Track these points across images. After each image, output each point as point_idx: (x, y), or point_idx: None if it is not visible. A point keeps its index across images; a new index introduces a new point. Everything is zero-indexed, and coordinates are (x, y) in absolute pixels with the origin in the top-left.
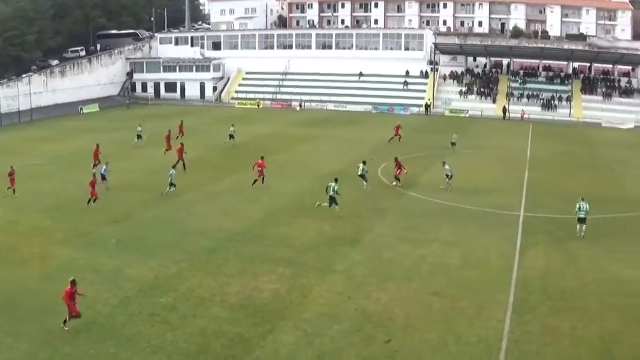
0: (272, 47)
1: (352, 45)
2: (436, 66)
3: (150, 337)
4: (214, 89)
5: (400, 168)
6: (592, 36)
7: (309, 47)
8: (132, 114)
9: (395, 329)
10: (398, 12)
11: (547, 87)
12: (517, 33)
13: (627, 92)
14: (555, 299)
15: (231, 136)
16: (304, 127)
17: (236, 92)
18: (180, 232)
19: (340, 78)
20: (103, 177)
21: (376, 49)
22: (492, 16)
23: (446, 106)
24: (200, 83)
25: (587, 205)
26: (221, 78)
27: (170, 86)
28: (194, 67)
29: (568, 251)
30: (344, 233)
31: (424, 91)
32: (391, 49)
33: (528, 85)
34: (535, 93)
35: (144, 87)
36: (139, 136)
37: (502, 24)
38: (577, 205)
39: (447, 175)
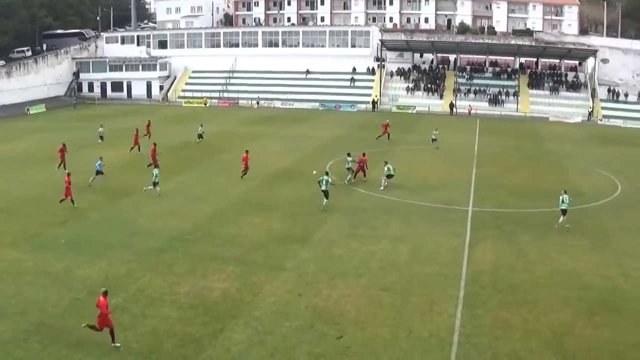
0: (218, 46)
1: (298, 42)
2: (383, 63)
3: (101, 338)
4: (161, 88)
5: (362, 165)
6: (539, 31)
7: (256, 45)
8: (79, 114)
9: (346, 325)
10: (344, 9)
11: (494, 82)
12: (463, 29)
13: (574, 87)
14: (506, 292)
15: (200, 136)
16: (251, 125)
17: (183, 90)
18: (129, 232)
19: (287, 76)
20: (98, 172)
21: (323, 46)
22: (438, 12)
23: (393, 103)
24: (147, 82)
25: (569, 197)
26: (168, 77)
27: (117, 86)
28: (141, 66)
29: (517, 245)
30: (294, 231)
31: (371, 88)
32: (338, 46)
33: (475, 81)
34: (482, 88)
35: (91, 87)
36: (101, 137)
37: (449, 20)
38: (561, 198)
39: (387, 176)
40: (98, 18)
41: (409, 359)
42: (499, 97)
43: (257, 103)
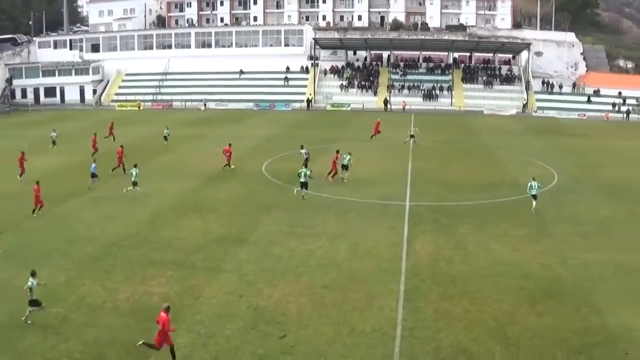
0: (151, 48)
1: (231, 43)
2: (316, 61)
3: (44, 349)
4: (94, 92)
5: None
6: (472, 26)
7: (189, 46)
8: (12, 121)
9: (289, 325)
10: (277, 8)
11: (427, 77)
12: (396, 26)
13: (508, 80)
14: (447, 284)
15: (165, 138)
16: (186, 127)
17: (116, 94)
18: (66, 239)
19: (220, 76)
20: (93, 175)
21: (256, 46)
22: (371, 10)
23: (327, 101)
24: (80, 87)
25: (538, 183)
26: (101, 81)
27: (50, 91)
28: (73, 71)
29: (455, 237)
30: (232, 232)
31: (305, 87)
32: (271, 45)
33: (409, 77)
34: (416, 84)
35: (24, 93)
36: (53, 142)
37: (382, 17)
38: (529, 184)
39: (342, 166)
40: (30, 23)
41: (353, 355)
42: (433, 92)
43: (205, 105)
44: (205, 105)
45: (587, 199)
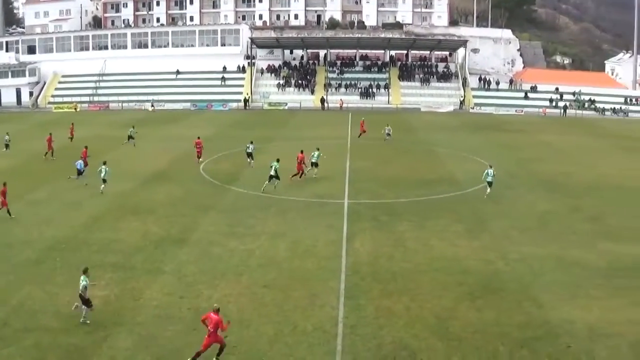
0: (87, 49)
1: (168, 43)
2: (253, 60)
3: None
4: (31, 94)
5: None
6: (409, 24)
7: (125, 46)
8: None
9: (230, 325)
10: (214, 8)
11: (364, 76)
12: (333, 24)
13: (445, 77)
14: (387, 281)
15: (130, 137)
16: (123, 128)
17: (53, 96)
18: (4, 243)
19: (157, 77)
20: (79, 173)
21: (192, 45)
22: (308, 8)
23: (265, 100)
24: (17, 89)
25: (494, 171)
26: (37, 82)
27: None
28: (9, 73)
29: (395, 234)
30: (171, 233)
31: (242, 86)
32: (207, 45)
33: (346, 75)
34: (353, 82)
35: None
36: (6, 145)
37: (319, 16)
38: (485, 172)
39: (312, 163)
40: None
41: (295, 354)
42: (370, 90)
43: (152, 106)
44: (152, 105)
45: (525, 194)
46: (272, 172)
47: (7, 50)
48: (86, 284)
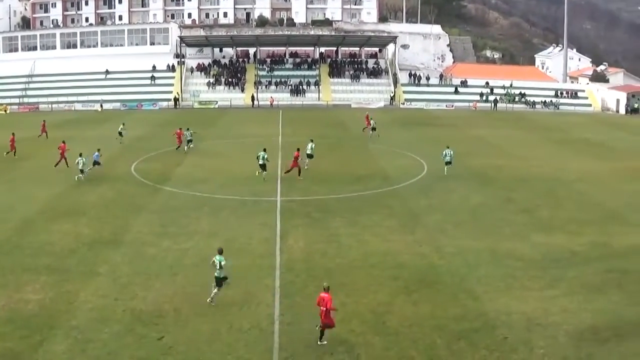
0: (16, 50)
1: (97, 43)
2: (183, 59)
3: None
4: None
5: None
6: (338, 21)
7: (54, 47)
8: None
9: (166, 325)
10: (142, 7)
11: (294, 73)
12: (262, 22)
13: (375, 73)
14: (322, 278)
15: (120, 133)
16: (53, 129)
17: None
18: None
19: (87, 77)
20: (96, 163)
21: (122, 45)
22: (237, 6)
23: (195, 99)
24: None
25: (452, 151)
26: None
27: None
28: None
29: (328, 230)
30: (103, 234)
31: (172, 85)
32: (137, 44)
33: (276, 73)
34: (283, 80)
35: None
36: None
37: (248, 14)
38: (443, 153)
39: (307, 155)
40: None
41: (233, 352)
42: (300, 87)
43: (101, 106)
44: (101, 106)
45: (457, 188)
46: (262, 162)
47: None
48: (224, 263)
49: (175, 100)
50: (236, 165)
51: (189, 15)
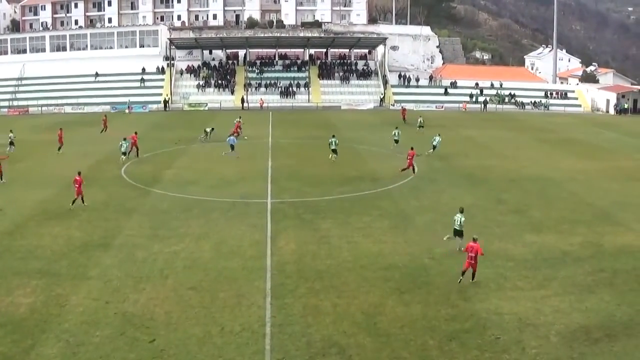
0: (5, 53)
1: (87, 45)
2: (172, 61)
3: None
4: None
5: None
6: (328, 22)
7: (44, 50)
8: None
9: (158, 328)
10: (132, 9)
11: (284, 75)
12: (252, 24)
13: (365, 75)
14: (313, 279)
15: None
16: (43, 132)
17: None
18: None
19: (76, 80)
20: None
21: (111, 47)
22: (226, 8)
23: (185, 101)
24: None
25: (440, 139)
26: None
27: None
28: None
29: (319, 232)
30: (94, 238)
31: (162, 87)
32: (126, 47)
33: (265, 75)
34: (273, 82)
35: None
36: None
37: (237, 16)
38: (433, 138)
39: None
40: None
41: (224, 355)
42: (290, 89)
43: (129, 107)
44: (129, 107)
45: (448, 188)
46: (333, 147)
47: None
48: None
49: (165, 102)
50: (226, 167)
51: (179, 17)
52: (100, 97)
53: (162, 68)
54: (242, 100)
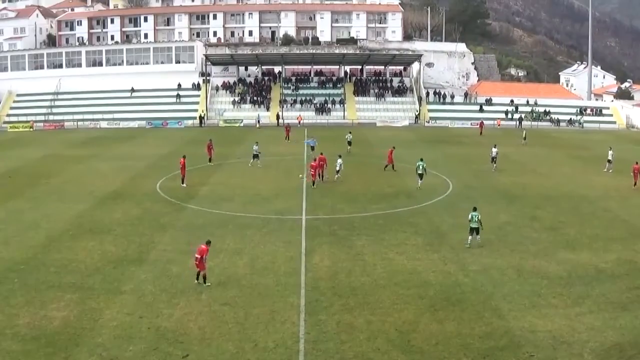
0: (42, 67)
1: (122, 61)
2: (208, 77)
3: None
4: None
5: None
6: (363, 39)
7: (80, 65)
8: None
9: (191, 344)
10: (168, 25)
11: (320, 91)
12: (287, 40)
13: (400, 92)
14: (347, 296)
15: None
16: (78, 147)
17: (8, 115)
18: None
19: (112, 95)
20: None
21: (147, 63)
22: (262, 25)
23: (220, 117)
24: None
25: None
26: None
27: None
28: None
29: (353, 249)
30: (128, 252)
31: (197, 103)
32: (162, 62)
33: (301, 91)
34: (308, 98)
35: None
36: None
37: (273, 32)
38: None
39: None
40: None
41: None
42: (326, 105)
43: (258, 122)
44: (258, 121)
45: (483, 206)
46: (420, 171)
47: None
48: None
49: (201, 118)
50: (261, 183)
51: (214, 33)
52: (135, 112)
53: (198, 84)
54: (278, 117)
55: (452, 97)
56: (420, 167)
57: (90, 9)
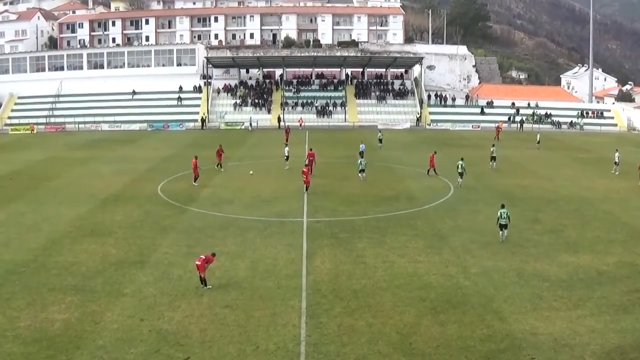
0: (43, 70)
1: (124, 63)
2: (209, 80)
3: None
4: None
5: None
6: (364, 42)
7: (81, 67)
8: None
9: (192, 346)
10: (169, 27)
11: (321, 94)
12: (289, 43)
13: (401, 94)
14: (348, 299)
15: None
16: (79, 149)
17: (9, 117)
18: None
19: (113, 97)
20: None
21: (148, 66)
22: (263, 27)
23: (221, 119)
24: None
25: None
26: None
27: None
28: None
29: (354, 251)
30: (130, 255)
31: (199, 106)
32: (163, 65)
33: (302, 94)
34: (309, 101)
35: None
36: None
37: (274, 35)
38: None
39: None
40: None
41: None
42: (327, 108)
43: (251, 125)
44: (251, 125)
45: (484, 208)
46: (460, 170)
47: None
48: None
49: (202, 121)
50: (262, 185)
51: (216, 36)
52: (137, 114)
53: (199, 87)
54: (279, 120)
55: (454, 99)
56: (460, 166)
57: (92, 12)
